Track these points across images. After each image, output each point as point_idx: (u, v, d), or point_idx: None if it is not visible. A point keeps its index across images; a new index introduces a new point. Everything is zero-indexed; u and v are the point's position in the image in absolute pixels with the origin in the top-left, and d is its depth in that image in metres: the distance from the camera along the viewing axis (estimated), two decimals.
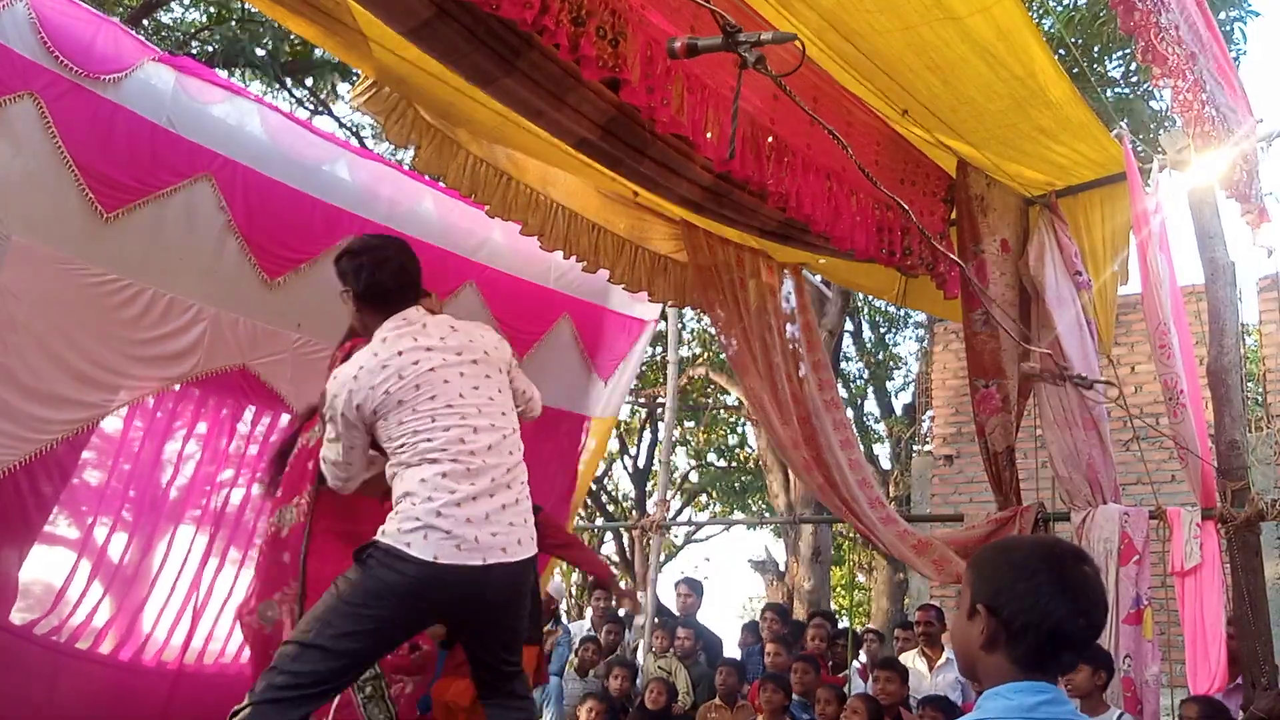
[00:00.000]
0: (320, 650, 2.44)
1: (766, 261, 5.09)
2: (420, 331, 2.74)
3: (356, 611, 2.48)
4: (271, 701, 2.40)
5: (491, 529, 2.55)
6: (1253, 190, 4.13)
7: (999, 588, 1.46)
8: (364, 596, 2.49)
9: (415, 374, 2.64)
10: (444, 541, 2.49)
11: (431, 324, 2.78)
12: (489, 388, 2.73)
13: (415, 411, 2.61)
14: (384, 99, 4.07)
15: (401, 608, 2.52)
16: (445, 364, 2.69)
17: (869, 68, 3.47)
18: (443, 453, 2.58)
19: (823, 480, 4.69)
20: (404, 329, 2.73)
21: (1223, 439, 4.03)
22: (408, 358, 2.66)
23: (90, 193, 3.55)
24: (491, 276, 4.94)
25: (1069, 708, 1.44)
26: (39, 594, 3.74)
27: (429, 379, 2.65)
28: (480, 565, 2.52)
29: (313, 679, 2.43)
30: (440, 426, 2.61)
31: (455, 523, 2.51)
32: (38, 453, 3.47)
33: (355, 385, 2.65)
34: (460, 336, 2.77)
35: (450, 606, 2.60)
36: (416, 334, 2.73)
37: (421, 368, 2.65)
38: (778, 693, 5.01)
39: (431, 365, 2.67)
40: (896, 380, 15.98)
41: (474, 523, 2.53)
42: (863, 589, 17.73)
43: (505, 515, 2.60)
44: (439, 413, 2.62)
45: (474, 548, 2.51)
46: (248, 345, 4.07)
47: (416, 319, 2.78)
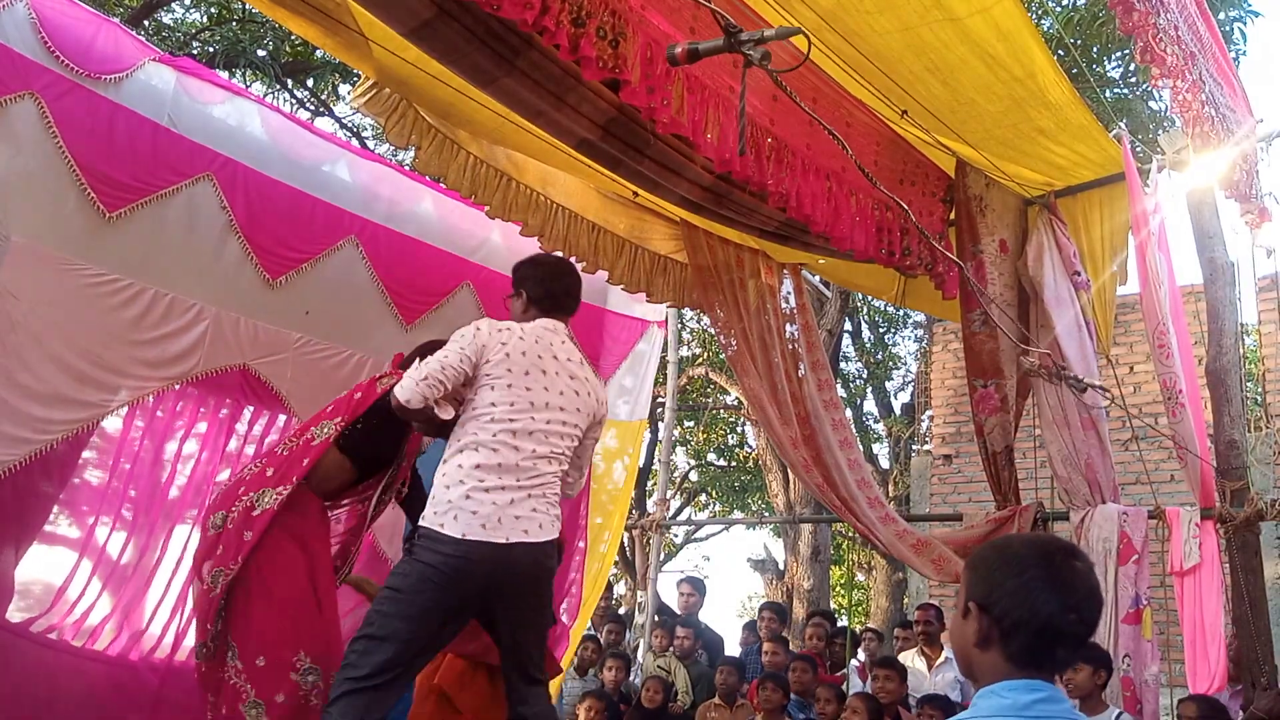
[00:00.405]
0: (383, 640, 2.73)
1: (766, 262, 5.10)
2: (559, 343, 3.08)
3: (409, 598, 2.77)
4: (351, 694, 2.68)
5: (515, 512, 2.81)
6: (1253, 190, 4.14)
7: (991, 586, 1.46)
8: (413, 582, 2.78)
9: (526, 364, 2.95)
10: (472, 519, 2.76)
11: (569, 345, 3.11)
12: (568, 413, 3.00)
13: (507, 388, 2.90)
14: (384, 100, 4.08)
15: (444, 589, 2.76)
16: (554, 375, 3.00)
17: (868, 68, 3.48)
18: (491, 439, 2.85)
19: (822, 480, 4.70)
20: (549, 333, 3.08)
21: (1222, 439, 4.03)
22: (536, 350, 2.99)
23: (91, 192, 3.56)
24: (489, 277, 4.94)
25: (1065, 705, 1.43)
26: (38, 593, 3.74)
27: (533, 374, 2.95)
28: (503, 543, 2.76)
29: (382, 667, 2.71)
30: (504, 414, 2.87)
31: (481, 505, 2.78)
32: (38, 452, 3.47)
33: (491, 331, 2.98)
34: (578, 368, 3.09)
35: (481, 583, 2.79)
36: (554, 340, 3.07)
37: (534, 363, 2.96)
38: (776, 692, 5.01)
39: (544, 369, 2.98)
40: (895, 380, 16.01)
41: (499, 506, 2.79)
42: (862, 588, 17.74)
43: (529, 503, 2.85)
44: (516, 401, 2.89)
45: (497, 527, 2.77)
46: (248, 345, 4.08)
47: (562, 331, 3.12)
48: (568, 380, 3.02)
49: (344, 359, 4.40)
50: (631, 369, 5.84)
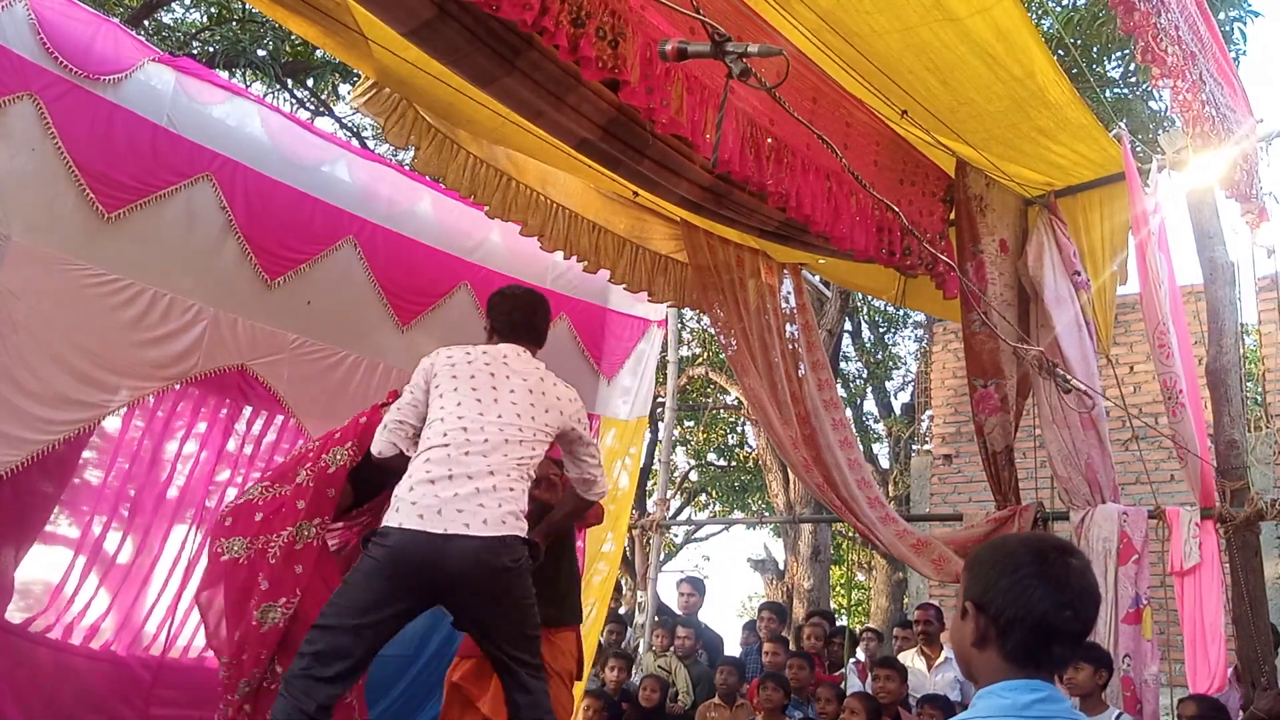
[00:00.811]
0: (328, 630, 2.77)
1: (766, 261, 5.10)
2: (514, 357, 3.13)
3: (354, 590, 2.82)
4: (294, 678, 2.74)
5: (458, 505, 2.77)
6: (1252, 190, 4.13)
7: (986, 585, 1.46)
8: (361, 576, 2.83)
9: (474, 371, 3.01)
10: (410, 510, 2.78)
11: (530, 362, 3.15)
12: (525, 419, 2.99)
13: (453, 392, 2.95)
14: (384, 100, 4.08)
15: (386, 579, 2.78)
16: (505, 380, 3.03)
17: (868, 68, 3.47)
18: (441, 438, 2.87)
19: (822, 480, 4.70)
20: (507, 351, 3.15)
21: (1222, 439, 4.03)
22: (486, 361, 3.06)
23: (90, 193, 3.56)
24: (487, 277, 4.94)
25: (1065, 705, 1.43)
26: (38, 592, 3.75)
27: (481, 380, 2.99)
28: (439, 534, 2.74)
29: (325, 655, 2.74)
30: (453, 414, 2.91)
31: (422, 496, 2.79)
32: (40, 453, 3.48)
33: (440, 355, 3.08)
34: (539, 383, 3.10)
35: (420, 576, 2.78)
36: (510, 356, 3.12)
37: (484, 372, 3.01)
38: (776, 691, 5.01)
39: (493, 375, 3.02)
40: (895, 380, 16.00)
41: (441, 499, 2.77)
42: (862, 588, 17.75)
43: (477, 498, 2.79)
44: (463, 401, 2.93)
45: (436, 518, 2.75)
46: (246, 345, 4.08)
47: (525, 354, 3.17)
48: (526, 391, 3.04)
49: (340, 360, 4.40)
50: (633, 368, 5.85)
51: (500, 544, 2.80)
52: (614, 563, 6.09)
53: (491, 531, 2.79)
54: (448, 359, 3.06)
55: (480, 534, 2.76)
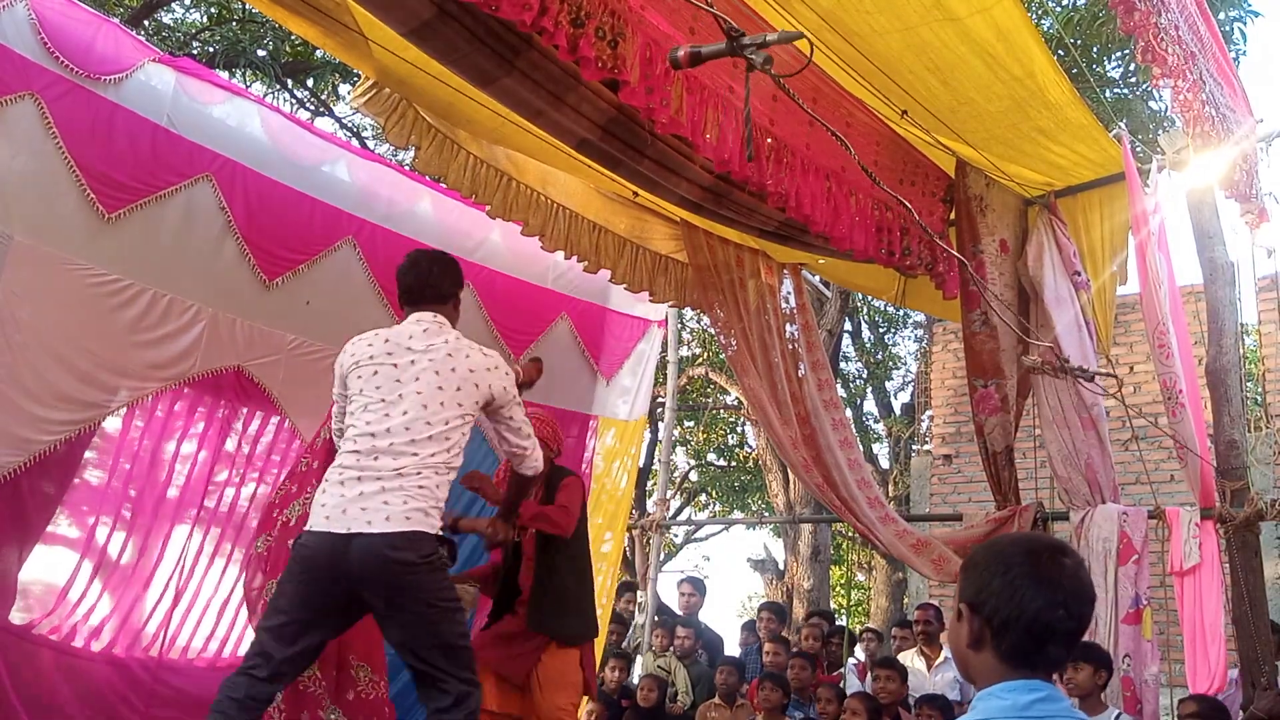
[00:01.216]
0: (260, 629, 2.90)
1: (766, 261, 5.10)
2: (419, 333, 3.01)
3: (278, 594, 2.92)
4: (238, 674, 2.82)
5: (362, 504, 2.78)
6: (1252, 190, 4.13)
7: (979, 586, 1.46)
8: (283, 579, 2.93)
9: (374, 365, 2.95)
10: (319, 512, 2.83)
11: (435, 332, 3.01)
12: (438, 399, 2.89)
13: (359, 394, 2.95)
14: (384, 100, 4.08)
15: (301, 584, 2.84)
16: (408, 365, 2.94)
17: (868, 68, 3.48)
18: (352, 444, 2.89)
19: (822, 480, 4.70)
20: (408, 327, 3.05)
21: (1222, 439, 4.03)
22: (385, 349, 2.98)
23: (91, 193, 3.56)
24: (488, 277, 4.94)
25: (1064, 704, 1.43)
26: (40, 593, 3.74)
27: (384, 372, 2.94)
28: (342, 534, 2.76)
29: (254, 654, 2.83)
30: (360, 418, 2.91)
31: (330, 499, 2.82)
32: (42, 453, 3.48)
33: (346, 349, 3.08)
34: (446, 358, 2.96)
35: (330, 577, 2.79)
36: (412, 332, 3.01)
37: (384, 363, 2.95)
38: (775, 691, 5.01)
39: (395, 363, 2.94)
40: (895, 380, 16.00)
41: (346, 499, 2.79)
42: (862, 588, 17.75)
43: (381, 496, 2.78)
44: (369, 404, 2.92)
45: (340, 519, 2.78)
46: (244, 346, 4.08)
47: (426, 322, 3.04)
48: (432, 375, 2.91)
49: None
50: (632, 368, 5.85)
51: (402, 539, 2.76)
52: (614, 562, 6.09)
53: (393, 527, 2.75)
54: (352, 358, 3.02)
55: (381, 530, 2.74)
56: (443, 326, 3.05)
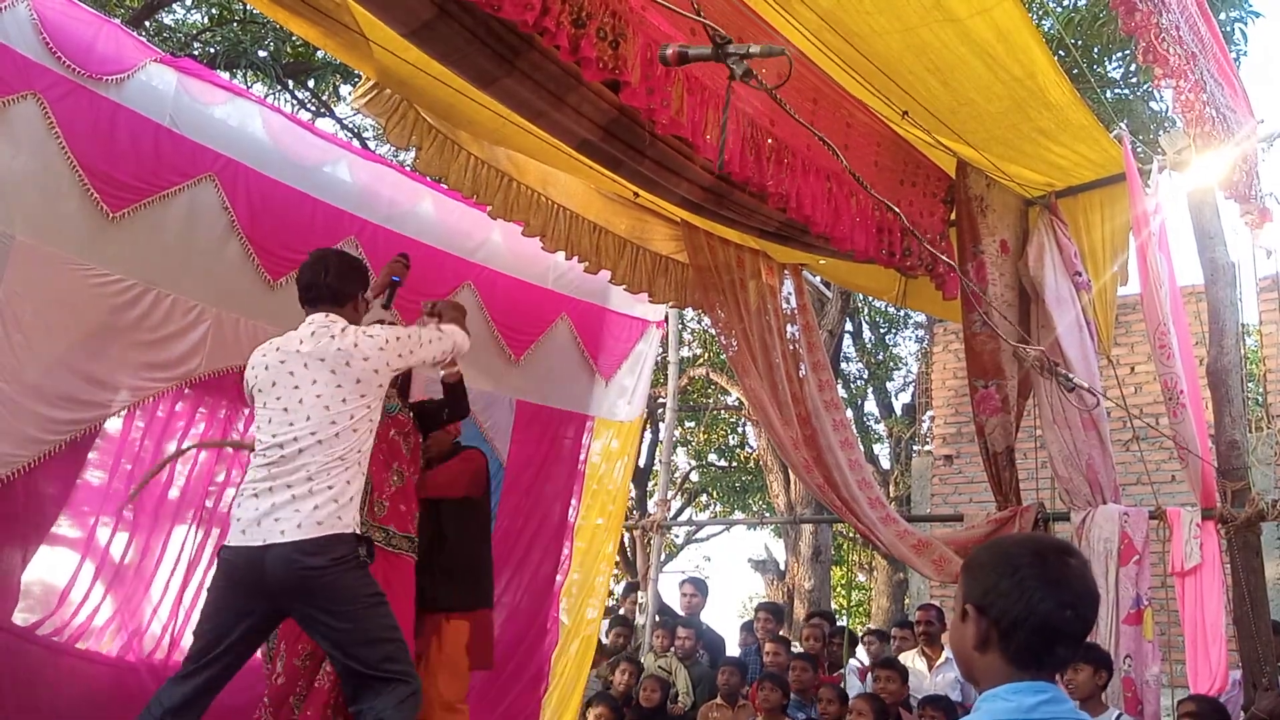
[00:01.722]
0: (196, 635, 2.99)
1: (767, 262, 5.10)
2: (307, 336, 3.05)
3: (206, 600, 3.05)
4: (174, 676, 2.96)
5: (275, 515, 2.84)
6: (1253, 191, 4.14)
7: (986, 587, 1.45)
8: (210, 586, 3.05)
9: (270, 378, 3.01)
10: (235, 526, 2.92)
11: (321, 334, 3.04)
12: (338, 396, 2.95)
13: (263, 408, 3.01)
14: (385, 101, 4.08)
15: (223, 594, 2.94)
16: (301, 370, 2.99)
17: (869, 69, 3.48)
18: (261, 458, 2.94)
19: (823, 480, 4.70)
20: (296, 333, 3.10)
21: (1223, 439, 4.03)
22: (278, 359, 3.03)
23: (94, 193, 3.56)
24: (489, 277, 4.94)
25: (1068, 706, 1.43)
26: (42, 594, 3.74)
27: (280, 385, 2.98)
28: (260, 546, 2.83)
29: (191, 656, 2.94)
30: (267, 433, 2.95)
31: (245, 512, 2.90)
32: (46, 454, 3.48)
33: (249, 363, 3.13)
34: (333, 349, 3.00)
35: (250, 589, 2.87)
36: (302, 337, 3.06)
37: (278, 377, 3.00)
38: (775, 691, 5.01)
39: (291, 371, 2.99)
40: (896, 381, 16.00)
41: (260, 512, 2.86)
42: (863, 589, 17.74)
43: (293, 505, 2.85)
44: (273, 417, 2.96)
45: (255, 531, 2.85)
46: (248, 346, 4.07)
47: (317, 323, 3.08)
48: (328, 374, 2.96)
49: None
50: (631, 368, 5.85)
51: (313, 544, 2.81)
52: (613, 561, 6.11)
53: (304, 534, 2.81)
54: (251, 370, 3.08)
55: (293, 538, 2.80)
56: (331, 324, 3.06)
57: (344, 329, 3.05)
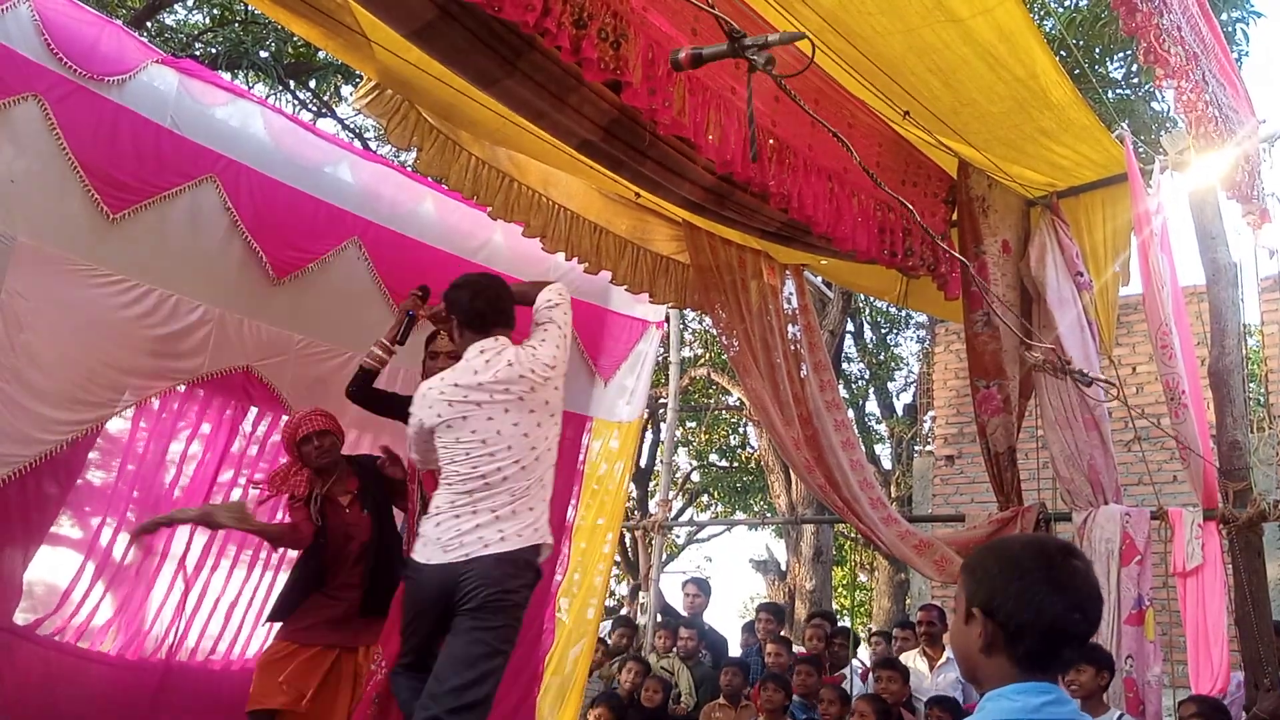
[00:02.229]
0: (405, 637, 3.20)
1: (768, 262, 5.09)
2: (481, 364, 3.13)
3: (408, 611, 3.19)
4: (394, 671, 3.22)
5: (479, 535, 2.99)
6: (1255, 191, 4.13)
7: (993, 590, 1.45)
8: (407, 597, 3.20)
9: (455, 414, 3.08)
10: (430, 546, 3.04)
11: (494, 356, 3.14)
12: (528, 425, 3.10)
13: (455, 441, 3.08)
14: (386, 101, 4.08)
15: (422, 603, 3.08)
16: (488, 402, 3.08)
17: (870, 69, 3.48)
18: (462, 483, 3.05)
19: (824, 481, 4.70)
20: (469, 363, 3.16)
21: (1224, 440, 4.03)
22: (460, 394, 3.10)
23: (96, 194, 3.56)
24: None
25: (1072, 707, 1.43)
26: (43, 594, 3.75)
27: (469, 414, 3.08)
28: (461, 560, 2.97)
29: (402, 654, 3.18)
30: (462, 454, 3.06)
31: (444, 532, 3.02)
32: (48, 454, 3.48)
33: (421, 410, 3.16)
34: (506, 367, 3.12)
35: (443, 597, 3.01)
36: (476, 368, 3.13)
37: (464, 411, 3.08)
38: (778, 692, 5.02)
39: (476, 403, 3.08)
40: (898, 381, 16.01)
41: (462, 531, 3.00)
42: (864, 589, 17.73)
43: (497, 525, 3.00)
44: (468, 447, 3.06)
45: (459, 549, 2.99)
46: (252, 346, 4.08)
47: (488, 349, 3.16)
48: (517, 402, 3.10)
49: (346, 360, 4.40)
50: (631, 369, 5.85)
51: (514, 557, 3.01)
52: (612, 561, 6.11)
53: (507, 548, 3.00)
54: (430, 409, 3.12)
55: (495, 551, 2.98)
56: (503, 349, 3.16)
57: (516, 352, 3.15)
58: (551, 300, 3.33)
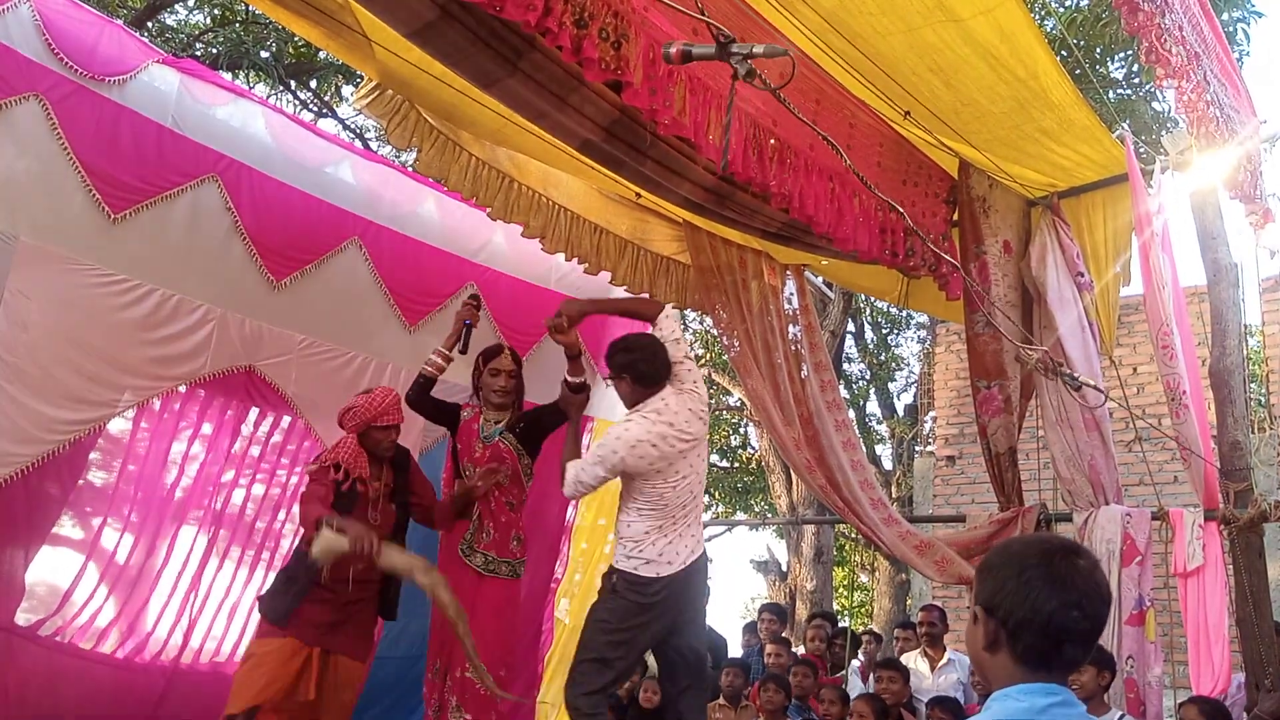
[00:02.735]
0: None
1: (769, 263, 5.09)
2: (673, 416, 3.58)
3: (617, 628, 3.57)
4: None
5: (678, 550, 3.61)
6: (1256, 191, 4.13)
7: (994, 589, 1.45)
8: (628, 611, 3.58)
9: (669, 453, 3.55)
10: (654, 564, 3.56)
11: (676, 407, 3.60)
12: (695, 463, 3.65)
13: (662, 480, 3.56)
14: (387, 101, 4.08)
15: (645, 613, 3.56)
16: (686, 448, 3.59)
17: (871, 69, 3.48)
18: (661, 505, 3.57)
19: (825, 481, 4.69)
20: (663, 412, 3.58)
21: (1225, 440, 4.03)
22: (666, 439, 3.55)
23: (97, 194, 3.56)
24: (492, 278, 4.94)
25: (1080, 709, 1.42)
26: (44, 594, 3.75)
27: (673, 459, 3.56)
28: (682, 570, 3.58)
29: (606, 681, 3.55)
30: (670, 491, 3.58)
31: (669, 552, 3.58)
32: (50, 454, 3.48)
33: (630, 452, 3.53)
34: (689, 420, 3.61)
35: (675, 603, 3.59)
36: (671, 419, 3.57)
37: (666, 453, 3.55)
38: (778, 693, 5.01)
39: (679, 450, 3.57)
40: (899, 381, 16.00)
41: (674, 548, 3.59)
42: (865, 589, 17.72)
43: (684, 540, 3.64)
44: (675, 484, 3.59)
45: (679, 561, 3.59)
46: (253, 346, 4.08)
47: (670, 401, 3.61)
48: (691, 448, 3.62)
49: (348, 360, 4.40)
50: None
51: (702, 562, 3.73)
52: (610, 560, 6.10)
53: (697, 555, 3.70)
54: (654, 448, 3.52)
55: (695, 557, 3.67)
56: (672, 401, 3.61)
57: (692, 402, 3.65)
58: (676, 334, 3.76)
